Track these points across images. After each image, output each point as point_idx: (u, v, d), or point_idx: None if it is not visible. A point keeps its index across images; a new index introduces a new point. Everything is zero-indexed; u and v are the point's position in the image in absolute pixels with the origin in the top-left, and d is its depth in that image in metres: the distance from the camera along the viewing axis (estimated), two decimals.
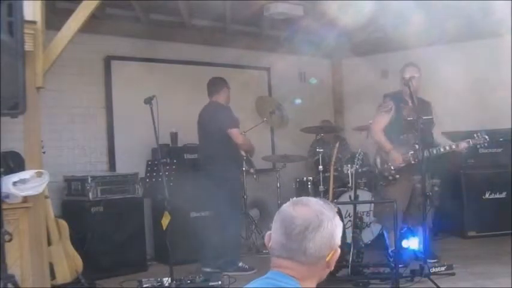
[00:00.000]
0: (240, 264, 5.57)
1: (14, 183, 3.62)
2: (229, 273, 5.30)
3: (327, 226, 1.61)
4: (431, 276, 4.62)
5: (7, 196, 3.60)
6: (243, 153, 5.72)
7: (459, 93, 7.17)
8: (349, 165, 6.18)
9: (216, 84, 5.78)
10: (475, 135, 5.24)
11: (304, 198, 1.68)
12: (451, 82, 6.89)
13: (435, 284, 4.48)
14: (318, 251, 1.60)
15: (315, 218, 1.61)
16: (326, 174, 6.23)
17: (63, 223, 4.89)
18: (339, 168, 6.42)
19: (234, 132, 5.52)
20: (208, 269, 5.48)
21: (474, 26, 6.79)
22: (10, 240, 3.32)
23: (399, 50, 7.46)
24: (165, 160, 5.01)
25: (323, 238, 1.60)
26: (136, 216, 5.82)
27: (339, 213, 4.83)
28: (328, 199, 5.37)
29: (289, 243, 1.60)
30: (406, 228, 5.61)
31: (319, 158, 6.31)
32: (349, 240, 4.97)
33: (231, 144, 5.56)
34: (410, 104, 5.37)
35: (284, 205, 1.68)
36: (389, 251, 5.41)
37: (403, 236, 5.54)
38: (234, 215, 5.64)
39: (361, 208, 5.94)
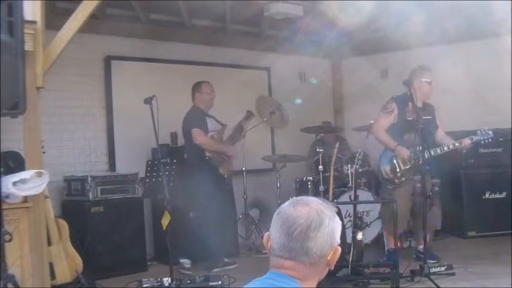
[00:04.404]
0: (226, 259, 5.72)
1: (14, 183, 3.61)
2: (218, 269, 5.47)
3: (328, 224, 1.60)
4: (431, 276, 4.63)
5: (7, 196, 3.59)
6: (207, 153, 5.73)
7: (459, 93, 7.17)
8: (349, 165, 6.19)
9: (192, 91, 5.97)
10: (478, 131, 5.21)
11: (303, 198, 1.66)
12: (451, 82, 6.89)
13: (435, 284, 4.49)
14: (320, 249, 1.59)
15: (316, 216, 1.59)
16: (326, 174, 6.23)
17: (63, 223, 4.89)
18: (339, 168, 6.41)
19: (193, 132, 5.64)
20: (216, 269, 5.57)
21: (474, 26, 6.79)
22: (10, 240, 3.31)
23: (399, 50, 7.46)
24: (165, 160, 5.02)
25: (324, 236, 1.59)
26: (136, 216, 5.82)
27: (339, 213, 4.87)
28: (328, 199, 5.39)
29: (291, 243, 1.58)
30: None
31: (319, 158, 6.31)
32: (349, 240, 4.97)
33: (199, 146, 5.67)
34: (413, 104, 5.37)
35: (283, 205, 1.66)
36: (386, 249, 5.45)
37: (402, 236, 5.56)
38: (210, 214, 5.58)
39: (361, 208, 5.93)
